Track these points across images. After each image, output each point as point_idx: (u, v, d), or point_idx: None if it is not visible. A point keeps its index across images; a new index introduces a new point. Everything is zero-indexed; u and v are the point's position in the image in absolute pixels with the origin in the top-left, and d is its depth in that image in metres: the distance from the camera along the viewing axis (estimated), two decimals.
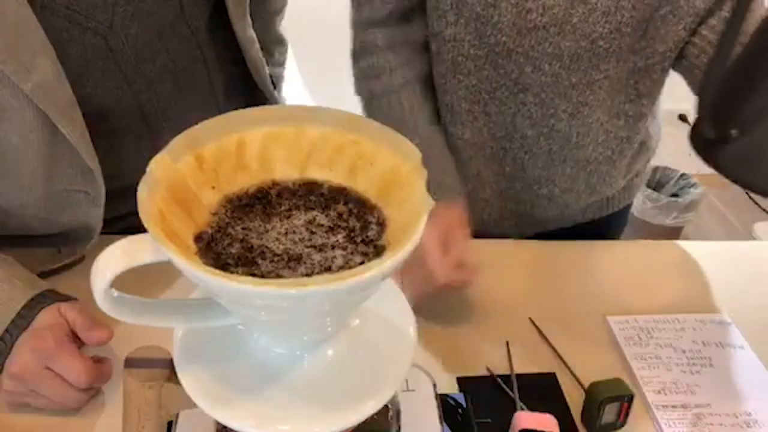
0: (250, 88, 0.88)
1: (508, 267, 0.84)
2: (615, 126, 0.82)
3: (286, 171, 0.40)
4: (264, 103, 0.90)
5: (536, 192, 0.88)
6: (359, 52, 0.83)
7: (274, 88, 0.89)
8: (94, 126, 0.66)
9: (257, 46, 0.82)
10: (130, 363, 0.63)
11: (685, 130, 0.68)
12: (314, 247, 0.35)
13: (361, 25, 0.82)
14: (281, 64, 1.04)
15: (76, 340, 0.62)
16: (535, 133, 0.82)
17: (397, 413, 0.48)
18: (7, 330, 0.60)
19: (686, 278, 0.85)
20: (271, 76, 0.88)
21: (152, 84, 0.72)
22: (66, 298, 0.65)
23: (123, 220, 0.76)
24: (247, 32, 0.79)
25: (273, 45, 0.97)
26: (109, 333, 0.62)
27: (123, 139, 0.74)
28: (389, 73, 0.81)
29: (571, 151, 0.83)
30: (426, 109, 0.83)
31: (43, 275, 0.70)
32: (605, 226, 1.00)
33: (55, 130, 0.63)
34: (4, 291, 0.61)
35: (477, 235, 0.98)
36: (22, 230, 0.74)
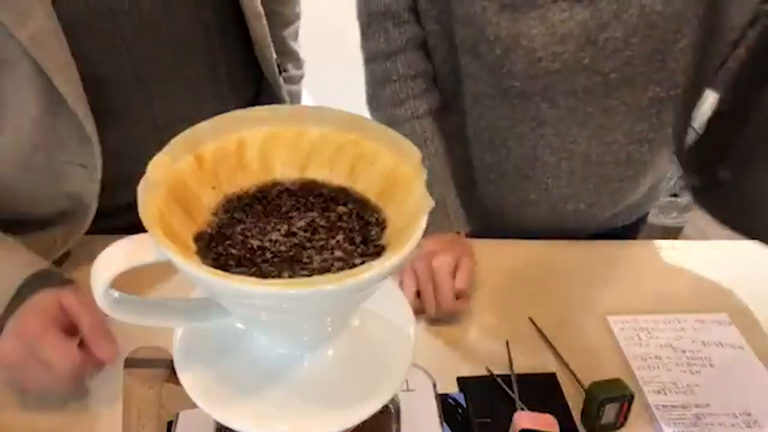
0: (258, 77, 0.87)
1: (508, 267, 0.84)
2: (638, 151, 0.82)
3: (286, 171, 0.40)
4: (273, 95, 0.89)
5: (562, 209, 0.88)
6: (380, 82, 0.83)
7: (280, 74, 0.88)
8: (92, 100, 0.66)
9: (264, 21, 0.81)
10: (130, 363, 0.63)
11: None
12: (314, 247, 0.35)
13: (378, 55, 0.82)
14: (296, 82, 1.03)
15: (72, 329, 0.60)
16: (555, 159, 0.83)
17: (397, 413, 0.48)
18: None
19: (686, 278, 0.85)
20: (277, 61, 0.87)
21: (152, 52, 0.71)
22: (66, 282, 0.63)
23: (122, 217, 0.76)
24: (252, 4, 0.78)
25: (283, 57, 0.96)
26: (115, 350, 0.59)
27: (122, 118, 0.73)
28: (413, 99, 0.82)
29: (592, 169, 0.84)
30: (441, 138, 0.84)
31: None
32: (630, 229, 1.00)
33: (53, 92, 0.62)
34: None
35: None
36: (17, 213, 0.73)
